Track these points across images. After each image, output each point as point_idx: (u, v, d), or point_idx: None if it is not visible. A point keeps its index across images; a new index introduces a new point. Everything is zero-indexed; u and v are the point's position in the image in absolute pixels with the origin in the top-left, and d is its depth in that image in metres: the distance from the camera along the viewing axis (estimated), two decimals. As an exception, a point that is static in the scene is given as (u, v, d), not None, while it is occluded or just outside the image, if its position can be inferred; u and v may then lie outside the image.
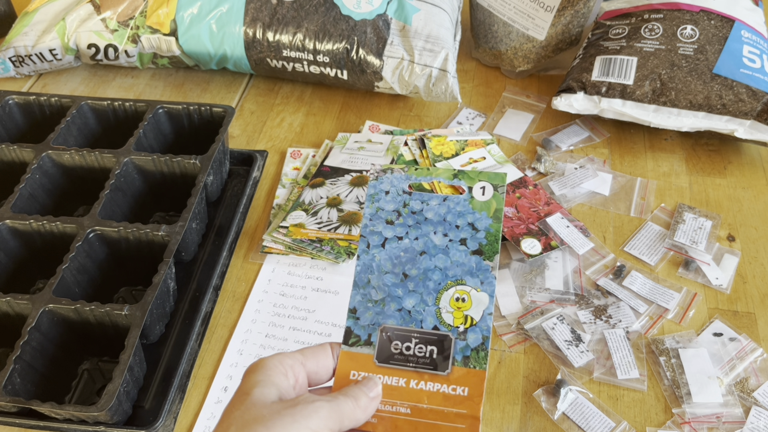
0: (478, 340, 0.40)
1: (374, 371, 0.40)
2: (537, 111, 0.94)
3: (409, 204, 0.43)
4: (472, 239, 0.42)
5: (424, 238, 0.43)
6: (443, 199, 0.43)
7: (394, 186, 0.44)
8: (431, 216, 0.43)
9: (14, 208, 0.68)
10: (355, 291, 0.42)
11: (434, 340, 0.41)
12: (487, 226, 0.42)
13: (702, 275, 0.72)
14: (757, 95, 0.80)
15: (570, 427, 0.60)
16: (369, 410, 0.39)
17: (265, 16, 0.89)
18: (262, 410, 0.35)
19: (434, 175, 0.43)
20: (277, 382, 0.37)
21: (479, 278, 0.42)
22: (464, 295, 0.41)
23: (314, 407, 0.36)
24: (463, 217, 0.43)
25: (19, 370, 0.57)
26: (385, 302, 0.42)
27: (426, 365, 0.40)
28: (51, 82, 1.00)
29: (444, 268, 0.42)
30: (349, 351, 0.41)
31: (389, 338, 0.41)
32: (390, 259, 0.42)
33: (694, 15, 0.86)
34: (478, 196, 0.43)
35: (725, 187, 0.83)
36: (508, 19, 0.95)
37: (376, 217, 0.43)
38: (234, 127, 0.92)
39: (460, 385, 0.40)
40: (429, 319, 0.41)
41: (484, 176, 0.43)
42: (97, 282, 0.68)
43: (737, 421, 0.60)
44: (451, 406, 0.39)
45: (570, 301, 0.70)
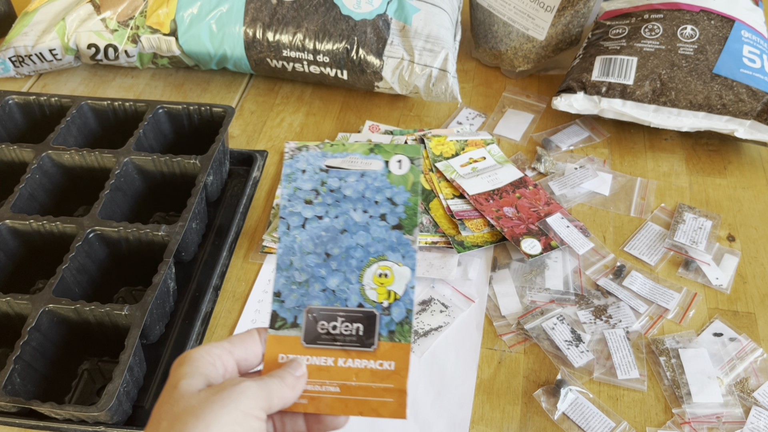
0: (402, 314, 0.41)
1: (302, 353, 0.41)
2: (537, 111, 0.94)
3: (327, 182, 0.43)
4: (391, 214, 0.42)
5: (344, 215, 0.43)
6: (361, 174, 0.43)
7: (311, 164, 0.43)
8: (350, 193, 0.43)
9: (14, 208, 0.68)
10: (279, 274, 0.42)
11: (360, 317, 0.41)
12: (406, 200, 0.42)
13: (702, 275, 0.72)
14: (757, 95, 0.80)
15: (570, 427, 0.60)
16: (297, 389, 0.39)
17: (265, 16, 0.89)
18: (190, 400, 0.35)
19: (350, 150, 0.43)
20: (205, 372, 0.37)
21: (400, 253, 0.42)
22: (387, 271, 0.42)
23: (241, 388, 0.36)
24: (381, 192, 0.43)
25: (19, 370, 0.57)
26: (309, 283, 0.42)
27: (353, 343, 0.41)
28: (51, 82, 1.00)
29: (365, 245, 0.42)
30: (276, 335, 0.41)
31: (315, 319, 0.41)
32: (311, 239, 0.42)
33: (694, 15, 0.86)
34: (395, 170, 0.43)
35: (725, 187, 0.83)
36: (508, 19, 0.95)
37: (295, 198, 0.43)
38: (234, 127, 0.92)
39: (386, 359, 0.40)
40: (353, 297, 0.41)
41: (400, 149, 0.43)
42: (97, 282, 0.68)
43: (737, 421, 0.60)
44: (379, 381, 0.40)
45: (570, 301, 0.69)
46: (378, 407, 0.40)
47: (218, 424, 0.34)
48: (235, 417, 0.34)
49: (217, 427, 0.33)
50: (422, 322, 0.68)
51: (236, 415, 0.34)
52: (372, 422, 0.60)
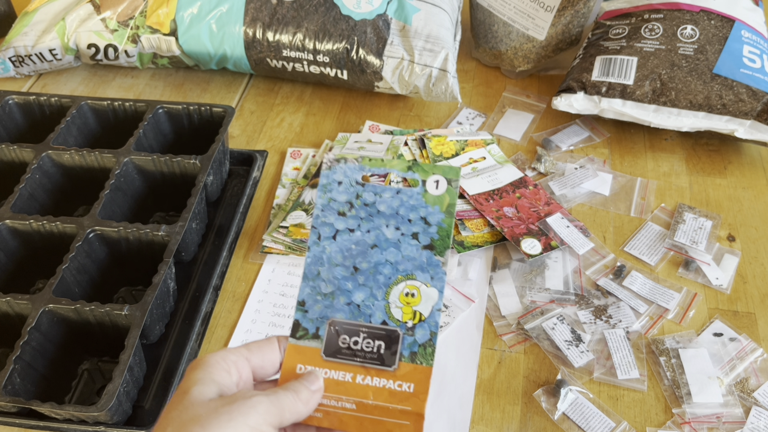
0: (426, 336, 0.40)
1: (321, 365, 0.40)
2: (537, 111, 0.94)
3: (362, 195, 0.42)
4: (423, 234, 0.42)
5: (376, 231, 0.42)
6: (396, 191, 0.42)
7: (347, 176, 0.43)
8: (384, 209, 0.42)
9: (14, 208, 0.68)
10: (305, 283, 0.41)
11: (382, 335, 0.40)
12: (440, 220, 0.42)
13: (702, 275, 0.72)
14: (757, 95, 0.80)
15: (570, 427, 0.60)
16: (311, 404, 0.38)
17: (265, 16, 0.89)
18: (199, 409, 0.34)
19: (388, 166, 0.42)
20: (217, 379, 0.36)
21: (429, 273, 0.41)
22: (414, 290, 0.41)
23: (252, 403, 0.35)
24: (415, 210, 0.42)
25: (19, 370, 0.57)
26: (335, 295, 0.41)
27: (373, 360, 0.40)
28: (51, 82, 1.00)
29: (395, 263, 0.41)
30: (296, 344, 0.40)
31: (337, 332, 0.41)
32: (341, 251, 0.42)
33: (694, 15, 0.86)
34: (431, 190, 0.42)
35: (725, 187, 0.83)
36: (508, 19, 0.95)
37: (328, 208, 0.42)
38: (234, 127, 0.92)
39: (406, 381, 0.39)
40: (378, 313, 0.41)
41: (438, 170, 0.42)
42: (97, 282, 0.68)
43: (737, 422, 0.60)
44: (397, 402, 0.39)
45: (570, 301, 0.69)
46: (393, 428, 0.39)
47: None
48: (241, 431, 0.34)
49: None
50: (422, 322, 0.68)
51: (242, 429, 0.34)
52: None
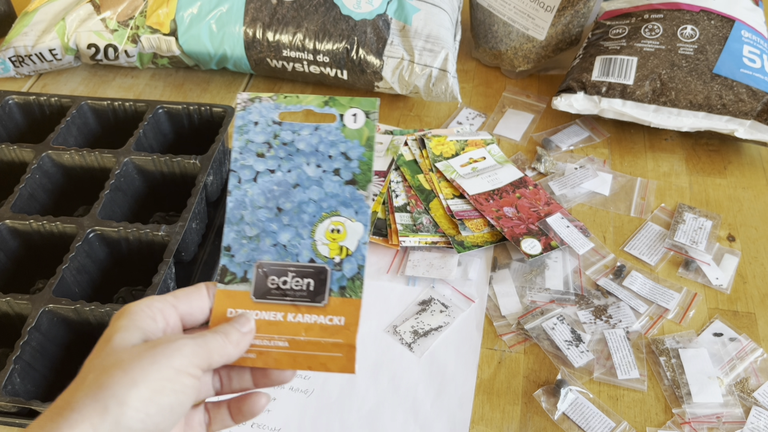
0: (353, 269, 0.40)
1: (251, 307, 0.40)
2: (537, 111, 0.94)
3: (280, 135, 0.42)
4: (345, 169, 0.42)
5: (297, 170, 0.42)
6: (315, 128, 0.42)
7: (263, 116, 0.42)
8: (303, 147, 0.42)
9: (14, 208, 0.68)
10: (229, 228, 0.42)
11: (311, 272, 0.40)
12: (360, 154, 0.42)
13: (702, 275, 0.72)
14: (757, 95, 0.80)
15: (570, 427, 0.60)
16: (242, 345, 0.38)
17: (265, 16, 0.89)
18: (121, 354, 0.34)
19: (304, 102, 0.42)
20: (142, 326, 0.35)
21: (353, 208, 0.41)
22: (339, 226, 0.41)
23: (177, 345, 0.34)
24: (335, 146, 0.42)
25: (19, 370, 0.57)
26: (260, 238, 0.41)
27: (303, 298, 0.40)
28: (51, 82, 1.00)
29: (318, 200, 0.41)
30: (225, 289, 0.40)
31: (265, 274, 0.41)
32: (263, 193, 0.42)
33: (694, 15, 0.86)
34: (349, 124, 0.42)
35: (725, 187, 0.83)
36: (508, 19, 0.95)
37: (246, 150, 0.42)
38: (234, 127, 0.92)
39: (336, 315, 0.40)
40: (305, 252, 0.41)
41: (356, 102, 0.42)
42: (97, 282, 0.68)
43: (737, 421, 0.60)
44: (328, 336, 0.40)
45: (570, 301, 0.69)
46: (327, 362, 0.39)
47: (146, 380, 0.32)
48: (165, 374, 0.33)
49: (144, 383, 0.32)
50: (422, 322, 0.68)
51: (167, 372, 0.33)
52: (372, 420, 0.60)
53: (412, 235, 0.74)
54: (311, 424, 0.61)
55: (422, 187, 0.80)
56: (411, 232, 0.75)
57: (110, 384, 0.32)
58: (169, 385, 0.33)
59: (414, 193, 0.79)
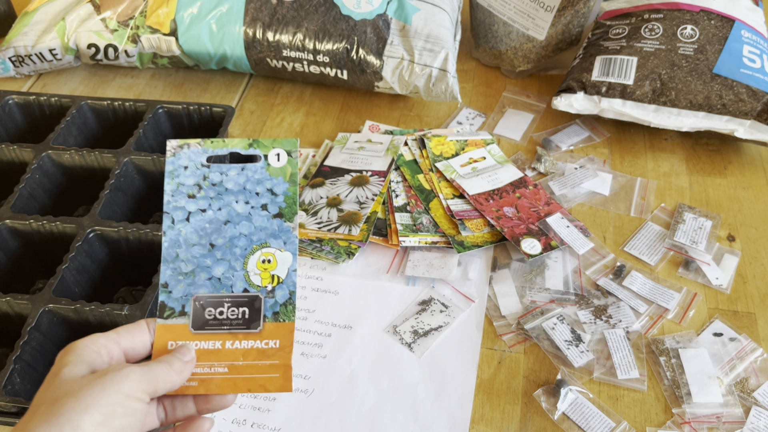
0: (285, 295, 0.44)
1: (191, 339, 0.42)
2: (537, 111, 0.94)
3: (209, 176, 0.45)
4: (272, 204, 0.45)
5: (227, 207, 0.45)
6: (241, 168, 0.45)
7: (192, 160, 0.45)
8: (231, 186, 0.45)
9: (14, 208, 0.68)
10: (165, 266, 0.44)
11: (245, 301, 0.43)
12: (285, 189, 0.45)
13: (702, 275, 0.72)
14: (757, 95, 0.80)
15: (570, 427, 0.60)
16: (184, 373, 0.40)
17: (265, 16, 0.89)
18: (71, 385, 0.35)
19: (230, 146, 0.45)
20: (88, 360, 0.37)
21: (282, 239, 0.44)
22: (269, 257, 0.44)
23: (124, 372, 0.36)
24: (261, 183, 0.45)
25: (19, 370, 0.57)
26: (195, 273, 0.44)
27: (239, 326, 0.43)
28: (51, 82, 1.00)
29: (248, 234, 0.44)
30: (165, 324, 0.43)
31: (202, 306, 0.43)
32: (196, 231, 0.44)
33: (694, 15, 0.86)
34: (273, 163, 0.45)
35: (725, 187, 0.83)
36: (508, 19, 0.95)
37: (178, 193, 0.45)
38: (234, 127, 0.92)
39: (272, 338, 0.43)
40: (239, 283, 0.44)
41: (278, 143, 0.45)
42: (97, 282, 0.68)
43: (737, 421, 0.60)
44: (265, 359, 0.42)
45: (570, 301, 0.69)
46: (265, 383, 0.42)
47: (98, 405, 0.34)
48: (116, 399, 0.35)
49: (97, 408, 0.34)
50: (422, 322, 0.68)
51: (117, 397, 0.35)
52: (372, 420, 0.60)
53: (412, 235, 0.74)
54: (311, 424, 0.61)
55: (422, 187, 0.80)
56: (411, 232, 0.75)
57: (63, 411, 0.33)
58: (119, 409, 0.35)
59: (414, 193, 0.79)
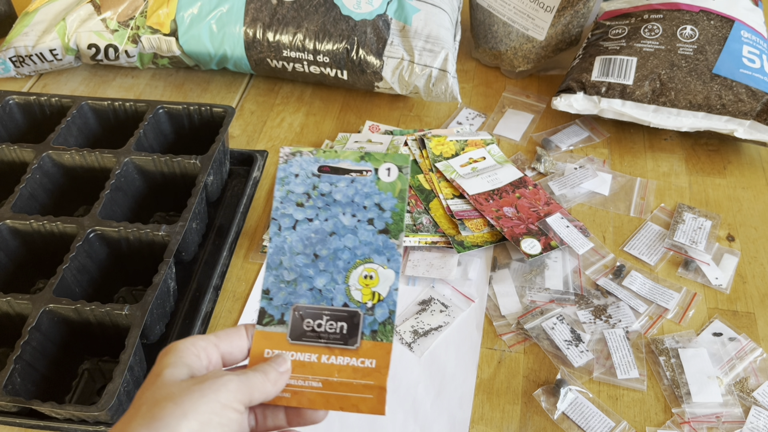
0: (385, 314, 0.43)
1: (287, 348, 0.42)
2: (537, 111, 0.94)
3: (319, 186, 0.45)
4: (378, 219, 0.44)
5: (334, 219, 0.45)
6: (351, 180, 0.45)
7: (303, 169, 0.45)
8: (340, 197, 0.45)
9: (14, 208, 0.68)
10: (268, 273, 0.44)
11: (344, 316, 0.43)
12: (393, 206, 0.44)
13: (702, 275, 0.72)
14: (756, 95, 0.80)
15: (570, 426, 0.60)
16: (279, 384, 0.40)
17: (265, 16, 0.89)
18: (171, 388, 0.36)
19: (342, 157, 0.45)
20: (188, 363, 0.38)
21: (386, 256, 0.44)
22: (372, 273, 0.43)
23: (223, 381, 0.37)
24: (370, 197, 0.45)
25: (20, 370, 0.57)
26: (297, 282, 0.43)
27: (336, 341, 0.42)
28: (51, 82, 1.00)
29: (353, 248, 0.44)
30: (263, 330, 0.43)
31: (301, 317, 0.43)
32: (301, 240, 0.44)
33: (693, 15, 0.86)
34: (383, 177, 0.45)
35: (725, 187, 0.83)
36: (508, 20, 0.95)
37: (287, 200, 0.45)
38: (234, 127, 0.92)
39: (368, 357, 0.42)
40: (339, 296, 0.43)
41: (389, 158, 0.45)
42: (97, 282, 0.68)
43: (737, 421, 0.60)
44: (360, 378, 0.42)
45: (570, 301, 0.70)
46: (358, 403, 0.41)
47: (195, 412, 0.35)
48: (213, 407, 0.35)
49: (194, 414, 0.34)
50: (422, 321, 0.68)
51: (214, 406, 0.35)
52: (372, 420, 0.60)
53: (412, 235, 0.74)
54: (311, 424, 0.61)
55: (422, 187, 0.80)
56: (411, 232, 0.75)
57: (163, 416, 0.34)
58: (216, 418, 0.35)
59: (414, 193, 0.79)
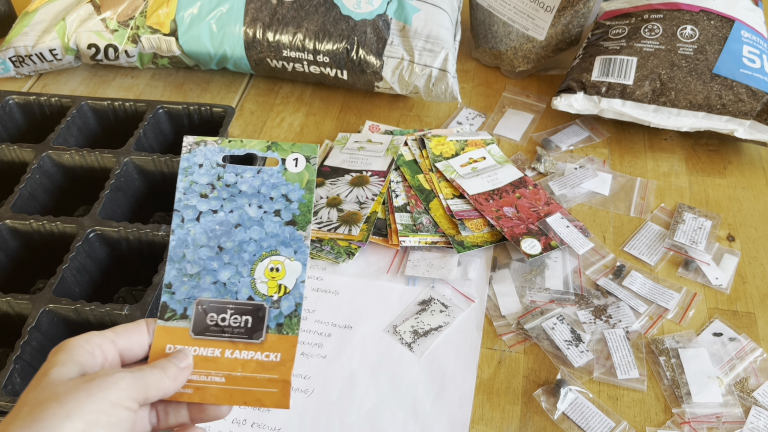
0: (291, 307, 0.42)
1: (190, 344, 0.41)
2: (537, 111, 0.94)
3: (224, 177, 0.44)
4: (285, 210, 0.43)
5: (239, 210, 0.43)
6: (257, 171, 0.44)
7: (208, 159, 0.44)
8: (245, 188, 0.44)
9: (14, 208, 0.68)
10: (171, 266, 0.43)
11: (249, 310, 0.42)
12: (300, 197, 0.44)
13: (702, 275, 0.72)
14: (756, 95, 0.80)
15: (570, 427, 0.60)
16: (179, 380, 0.39)
17: (265, 16, 0.89)
18: (57, 388, 0.34)
19: (247, 147, 0.44)
20: (80, 360, 0.36)
21: (293, 248, 0.43)
22: (278, 265, 0.43)
23: (113, 379, 0.35)
24: (276, 188, 0.44)
25: (19, 370, 0.57)
26: (201, 276, 0.42)
27: (241, 335, 0.41)
28: (51, 82, 1.00)
29: (259, 240, 0.43)
30: (165, 325, 0.41)
31: (205, 311, 0.42)
32: (205, 232, 0.43)
33: (693, 15, 0.86)
34: (291, 168, 0.44)
35: (725, 187, 0.83)
36: (508, 19, 0.95)
37: (190, 191, 0.44)
38: (234, 127, 0.92)
39: (273, 351, 0.41)
40: (244, 290, 0.42)
41: (297, 148, 0.44)
42: (97, 282, 0.68)
43: (737, 421, 0.60)
44: (265, 372, 0.41)
45: (570, 301, 0.70)
46: (262, 397, 0.40)
47: (81, 412, 0.33)
48: (100, 406, 0.34)
49: (79, 415, 0.33)
50: (422, 322, 0.68)
51: (102, 405, 0.34)
52: (372, 420, 0.60)
53: (412, 235, 0.74)
54: (311, 424, 0.61)
55: (422, 187, 0.80)
56: (411, 232, 0.75)
57: (45, 416, 0.32)
58: (104, 417, 0.34)
59: (414, 193, 0.79)
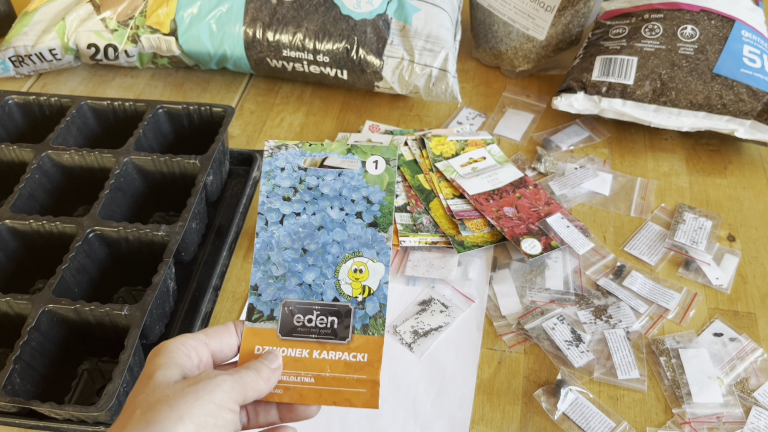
0: (375, 308, 0.42)
1: (278, 345, 0.42)
2: (537, 111, 0.94)
3: (305, 180, 0.45)
4: (367, 212, 0.44)
5: (322, 213, 0.44)
6: (338, 174, 0.45)
7: (290, 162, 0.45)
8: (327, 191, 0.45)
9: (14, 208, 0.68)
10: (256, 268, 0.43)
11: (335, 311, 0.43)
12: (381, 198, 0.44)
13: (702, 275, 0.72)
14: (757, 95, 0.80)
15: (570, 427, 0.60)
16: (272, 381, 0.40)
17: (265, 15, 0.89)
18: (165, 390, 0.35)
19: (328, 150, 0.45)
20: (180, 363, 0.37)
21: (375, 249, 0.43)
22: (362, 267, 0.43)
23: (217, 381, 0.36)
24: (357, 191, 0.44)
25: (19, 370, 0.57)
26: (286, 278, 0.43)
27: (327, 335, 0.42)
28: (51, 81, 1.00)
29: (341, 242, 0.44)
30: (252, 327, 0.42)
31: (291, 312, 0.43)
32: (289, 235, 0.44)
33: (694, 15, 0.86)
34: (371, 170, 0.45)
35: (725, 187, 0.83)
36: (508, 19, 0.95)
37: (273, 194, 0.44)
38: (234, 127, 0.92)
39: (360, 352, 0.42)
40: (329, 291, 0.43)
41: (377, 150, 0.45)
42: (96, 282, 0.67)
43: (737, 422, 0.60)
44: (352, 372, 0.41)
45: (570, 301, 0.69)
46: (351, 397, 0.41)
47: (191, 415, 0.34)
48: (208, 409, 0.35)
49: (190, 417, 0.34)
50: (422, 322, 0.68)
51: (209, 407, 0.35)
52: (372, 420, 0.60)
53: (412, 235, 0.74)
54: (311, 424, 0.61)
55: (422, 187, 0.80)
56: (411, 232, 0.75)
57: (158, 419, 0.34)
58: (211, 419, 0.35)
59: (414, 193, 0.79)
